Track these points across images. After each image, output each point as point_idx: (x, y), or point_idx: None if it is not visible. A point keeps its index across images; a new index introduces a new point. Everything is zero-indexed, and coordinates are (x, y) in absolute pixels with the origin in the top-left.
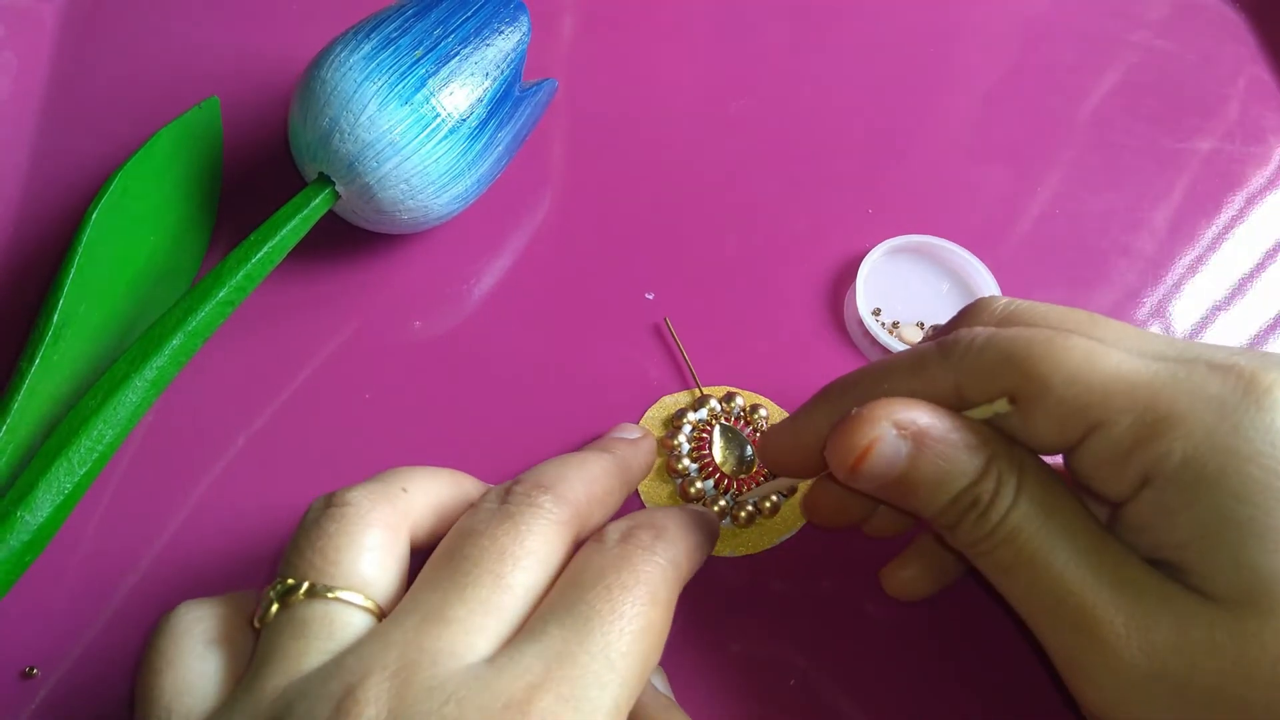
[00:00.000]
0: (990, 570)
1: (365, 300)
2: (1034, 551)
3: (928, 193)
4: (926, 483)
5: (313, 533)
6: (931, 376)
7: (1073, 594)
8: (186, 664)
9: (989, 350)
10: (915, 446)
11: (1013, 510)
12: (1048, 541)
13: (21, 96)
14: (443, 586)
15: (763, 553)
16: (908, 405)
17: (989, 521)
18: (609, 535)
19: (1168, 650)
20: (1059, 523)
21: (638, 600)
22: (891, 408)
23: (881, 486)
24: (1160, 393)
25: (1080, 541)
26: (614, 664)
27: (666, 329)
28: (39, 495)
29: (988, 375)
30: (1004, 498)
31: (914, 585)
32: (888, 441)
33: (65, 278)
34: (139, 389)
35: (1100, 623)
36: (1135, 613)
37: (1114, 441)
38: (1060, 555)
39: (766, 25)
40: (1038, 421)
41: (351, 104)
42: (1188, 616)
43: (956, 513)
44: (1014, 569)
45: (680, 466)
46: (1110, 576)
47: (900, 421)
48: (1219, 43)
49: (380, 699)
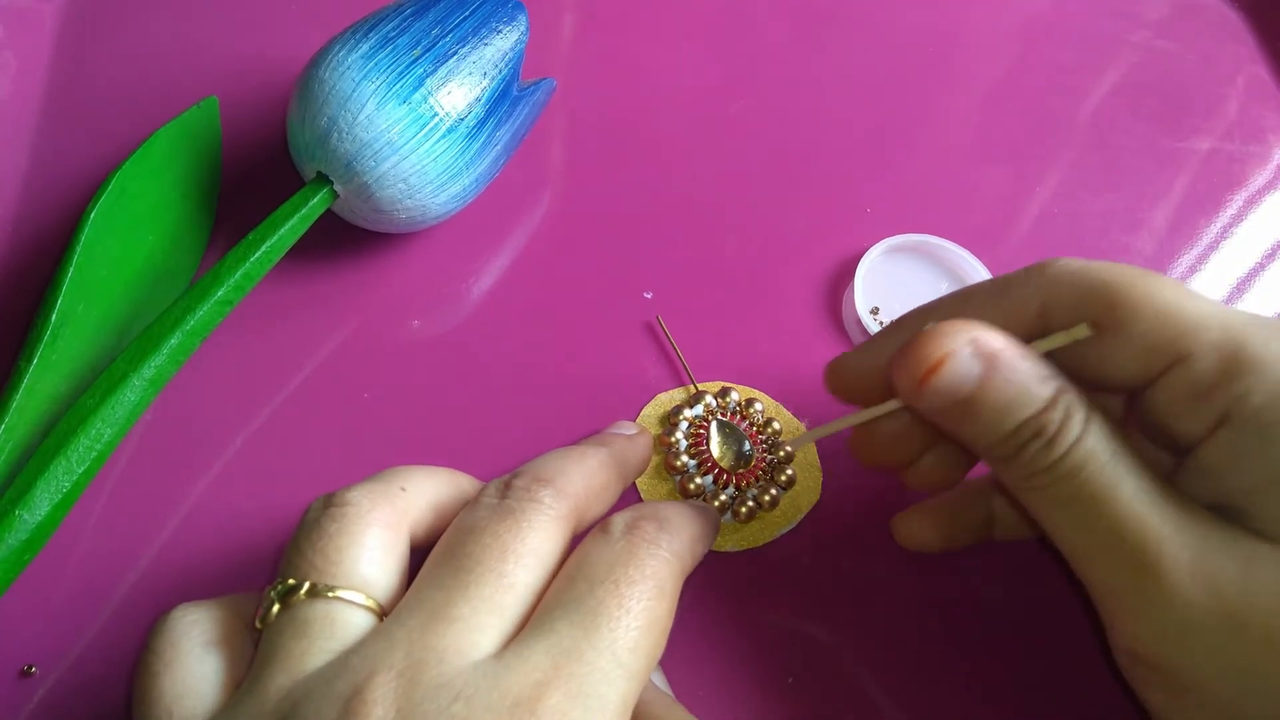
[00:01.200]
0: (1042, 505)
1: (364, 299)
2: (1100, 484)
3: (927, 192)
4: (993, 406)
5: (313, 533)
6: (1015, 299)
7: (1134, 529)
8: (185, 666)
9: (1083, 273)
10: (988, 367)
11: (1080, 442)
12: (1115, 474)
13: (21, 96)
14: (446, 584)
15: (762, 547)
16: (984, 326)
17: (1054, 451)
18: (614, 527)
19: (1231, 590)
20: (1124, 462)
21: (644, 595)
22: (968, 326)
23: (946, 408)
24: (1250, 335)
25: (1145, 478)
26: (621, 660)
27: (659, 327)
28: (37, 494)
29: (1078, 298)
30: (1072, 429)
31: (921, 536)
32: (961, 358)
33: (64, 277)
34: (137, 388)
35: (1161, 558)
36: (1200, 551)
37: (1197, 376)
38: (1126, 489)
39: (766, 24)
40: (1120, 350)
41: (350, 103)
42: (1255, 558)
43: (1018, 442)
44: (1074, 503)
45: (678, 463)
46: (1175, 514)
47: (976, 339)
48: (1218, 42)
49: (388, 698)
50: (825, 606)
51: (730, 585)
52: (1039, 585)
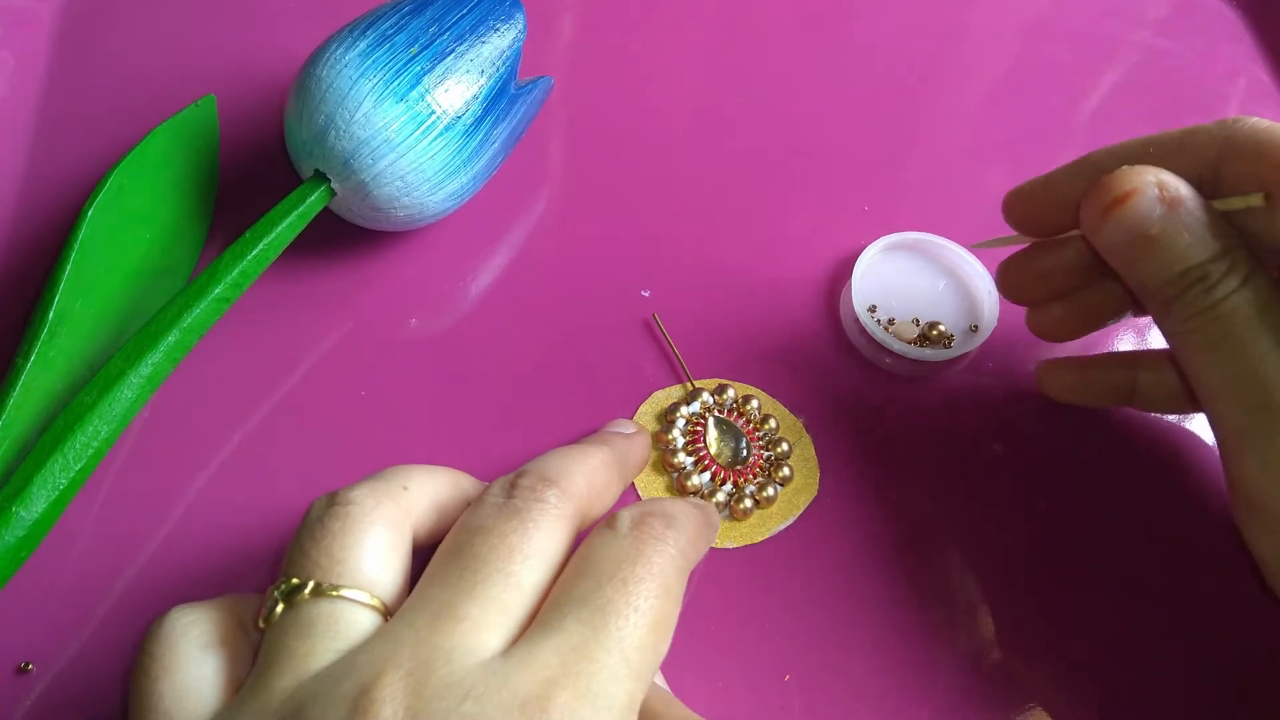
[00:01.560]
0: (1193, 347)
1: (361, 298)
2: (1242, 333)
3: (926, 191)
4: (1168, 247)
5: (317, 531)
6: (1198, 146)
7: (1266, 375)
8: (183, 668)
9: (1266, 133)
10: (1169, 210)
11: (1236, 294)
12: (1257, 326)
13: (18, 95)
14: (452, 584)
15: (759, 544)
16: (1170, 174)
17: (1212, 297)
18: (620, 523)
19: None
20: (1271, 318)
21: (651, 594)
22: (1158, 171)
23: (1125, 242)
24: None
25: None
26: (629, 658)
27: (656, 325)
28: (34, 491)
29: (1257, 157)
30: (1231, 280)
31: (1063, 382)
32: (1146, 196)
33: (61, 274)
34: (134, 385)
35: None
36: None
37: None
38: (1264, 341)
39: (764, 23)
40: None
41: (347, 101)
42: None
43: (1183, 284)
44: (1218, 346)
45: (676, 460)
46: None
47: (1164, 183)
48: (1218, 42)
49: (397, 697)
50: (823, 603)
51: (728, 582)
52: (1039, 583)
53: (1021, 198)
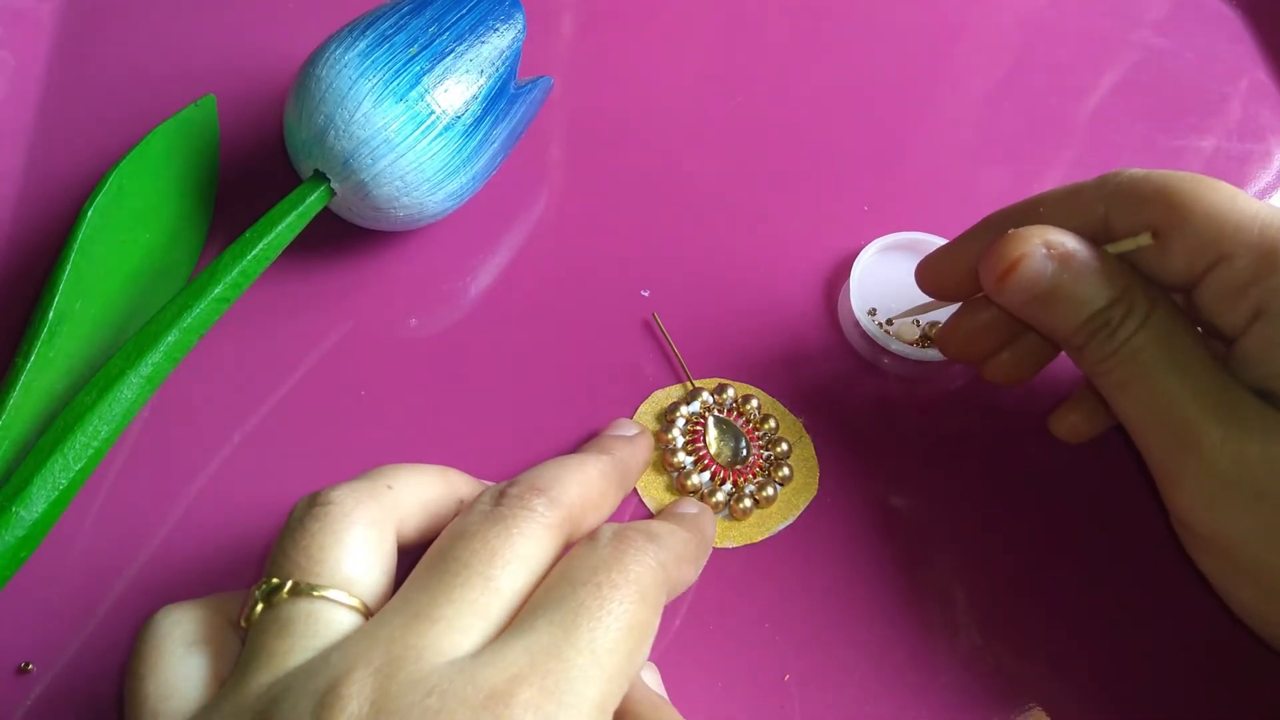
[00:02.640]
0: (1109, 388)
1: (361, 297)
2: (1150, 370)
3: (925, 191)
4: (1066, 300)
5: (296, 532)
6: (1084, 205)
7: (1177, 409)
8: (168, 667)
9: (1144, 181)
10: (1060, 266)
11: (1137, 334)
12: (1163, 363)
13: (18, 95)
14: (431, 587)
15: (759, 543)
16: (1059, 231)
17: (1115, 340)
18: (601, 535)
19: (1255, 460)
20: (1176, 350)
21: (626, 598)
22: (1044, 230)
23: (1025, 301)
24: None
25: (1192, 367)
26: (600, 659)
27: (656, 325)
28: (34, 490)
29: (1138, 204)
30: (1131, 322)
31: (1081, 427)
32: (1036, 258)
33: (61, 274)
34: (134, 385)
35: (1198, 434)
36: (1231, 428)
37: (1234, 275)
38: (1172, 376)
39: (763, 23)
40: (1173, 251)
41: (346, 101)
42: (1276, 434)
43: (1088, 333)
44: (1130, 385)
45: (675, 460)
46: (1214, 398)
47: (1050, 242)
48: (1218, 41)
49: (363, 693)
50: (822, 603)
51: (727, 581)
52: (1039, 583)
53: (931, 268)
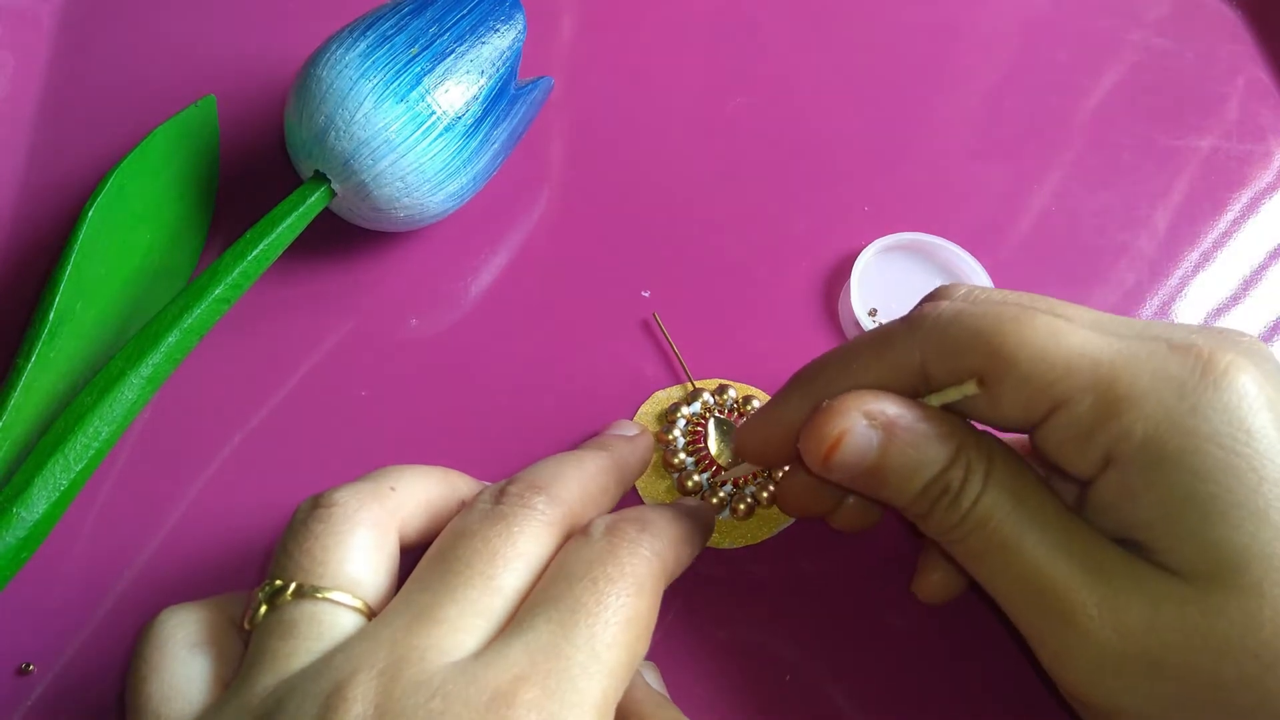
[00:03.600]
0: (963, 557)
1: (361, 298)
2: (1005, 537)
3: (926, 191)
4: (897, 472)
5: (300, 533)
6: (897, 354)
7: (1044, 578)
8: (171, 669)
9: (955, 325)
10: (885, 436)
11: (982, 497)
12: (1018, 527)
13: (19, 95)
14: (433, 587)
15: (760, 544)
16: (877, 396)
17: (959, 509)
18: (594, 530)
19: (1140, 630)
20: (1029, 508)
21: (623, 592)
22: (861, 399)
23: (854, 477)
24: (1121, 371)
25: (1050, 525)
26: (599, 655)
27: (656, 325)
28: (35, 491)
29: (954, 351)
30: (973, 485)
31: (946, 587)
32: (858, 432)
33: (62, 275)
34: (135, 386)
35: (1073, 605)
36: (1106, 594)
37: (1076, 420)
38: (1030, 539)
39: (763, 23)
40: (1003, 399)
41: (347, 101)
42: (1158, 596)
43: (927, 501)
44: (985, 555)
45: (676, 461)
46: (1081, 559)
47: (870, 412)
48: (1217, 41)
49: (368, 695)
50: (823, 603)
51: (728, 581)
52: None
53: (750, 436)
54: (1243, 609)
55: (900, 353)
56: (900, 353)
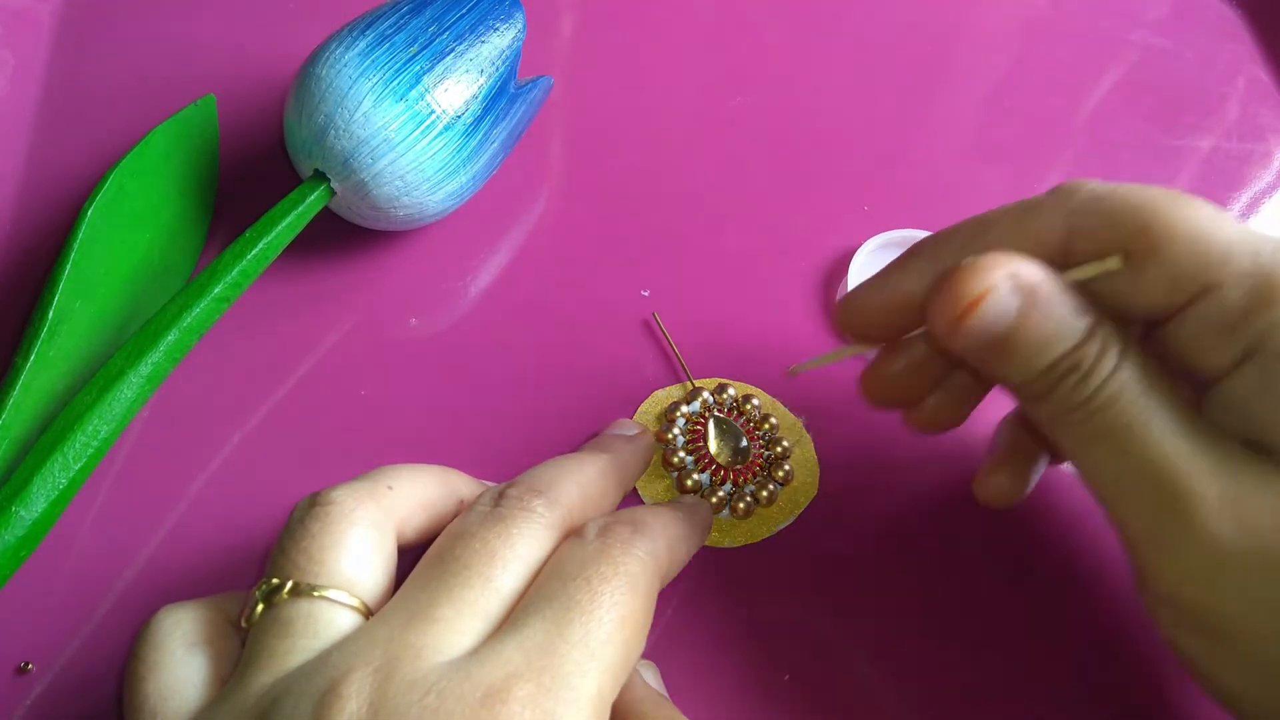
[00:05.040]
0: (1078, 441)
1: (361, 297)
2: (1132, 419)
3: (925, 190)
4: (1031, 342)
5: (296, 532)
6: (1042, 223)
7: (1168, 464)
8: (168, 668)
9: (1111, 198)
10: (1026, 302)
11: (1115, 375)
12: (1147, 410)
13: (18, 94)
14: (431, 586)
15: (760, 543)
16: (1024, 259)
17: (1089, 385)
18: (588, 532)
19: (1263, 526)
20: (1159, 394)
21: (617, 590)
22: (1009, 260)
23: (982, 345)
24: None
25: (1179, 414)
26: (595, 652)
27: (656, 324)
28: (34, 490)
29: (1107, 223)
30: (1107, 362)
31: (1007, 489)
32: (1001, 294)
33: (61, 274)
34: (134, 385)
35: (1193, 494)
36: (1230, 486)
37: (1226, 307)
38: (1159, 424)
39: (764, 23)
40: (1148, 279)
41: (346, 100)
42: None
43: (1055, 377)
44: (1108, 437)
45: (675, 460)
46: (1208, 451)
47: (1017, 273)
48: (1217, 41)
49: (362, 693)
50: (823, 602)
51: (728, 581)
52: (1038, 582)
53: (855, 306)
54: None
55: (1045, 223)
56: (1045, 223)
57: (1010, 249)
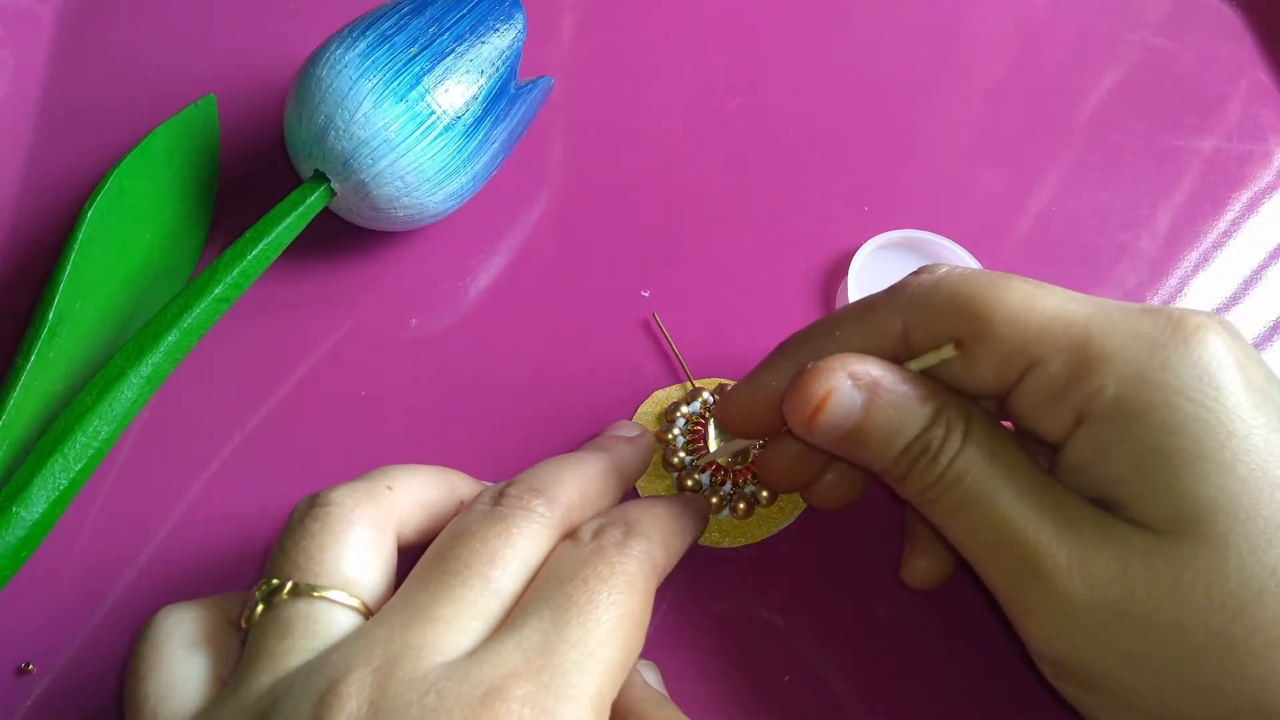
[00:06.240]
0: (939, 517)
1: (361, 297)
2: (979, 492)
3: (926, 190)
4: (880, 432)
5: (296, 532)
6: (879, 321)
7: (1016, 531)
8: (169, 668)
9: (936, 292)
10: (869, 397)
11: (960, 454)
12: (992, 482)
13: (18, 95)
14: (431, 586)
15: (759, 543)
16: (860, 359)
17: (938, 466)
18: (583, 533)
19: (1108, 580)
20: (1003, 466)
21: (614, 589)
22: (845, 361)
23: (837, 439)
24: (1094, 332)
25: (1023, 483)
26: (593, 651)
27: (656, 325)
28: (34, 491)
29: (935, 316)
30: (952, 443)
31: (932, 572)
32: (843, 392)
33: (61, 274)
34: (134, 385)
35: (1043, 557)
36: (1076, 546)
37: (1050, 379)
38: (1004, 495)
39: (764, 22)
40: (980, 362)
41: (347, 101)
42: (1127, 547)
43: (907, 462)
44: (960, 511)
45: (675, 460)
46: (1052, 514)
47: (854, 373)
48: (1218, 41)
49: (362, 692)
50: (823, 603)
51: (727, 581)
52: None
53: (732, 406)
54: (1209, 560)
55: (883, 319)
56: (883, 319)
57: (855, 347)
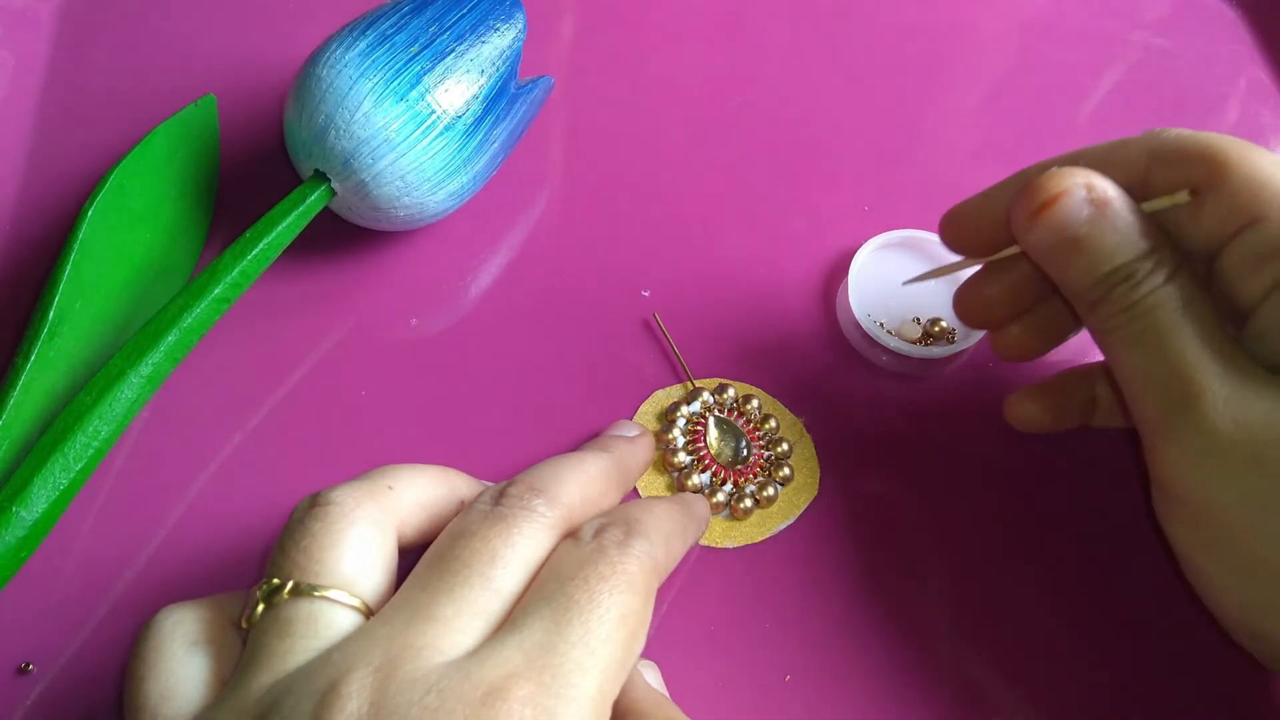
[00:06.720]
0: (1118, 344)
1: (361, 297)
2: (1165, 327)
3: (926, 191)
4: (1095, 248)
5: (297, 532)
6: (1126, 153)
7: (1186, 365)
8: (169, 668)
9: (1189, 140)
10: (1096, 211)
11: (1160, 289)
12: (1179, 321)
13: (18, 95)
14: (431, 586)
15: (760, 544)
16: (1100, 176)
17: (1136, 293)
18: (583, 533)
19: (1257, 423)
20: (1193, 311)
21: (615, 589)
22: (1087, 172)
23: (1050, 245)
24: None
25: (1207, 330)
26: (594, 651)
27: (656, 325)
28: (34, 491)
29: (1181, 161)
30: (1156, 277)
31: (1033, 415)
32: (1075, 198)
33: (61, 274)
34: (135, 385)
35: (1202, 389)
36: (1237, 388)
37: (1262, 238)
38: (1187, 334)
39: (764, 23)
40: (1206, 213)
41: (347, 101)
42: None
43: (1109, 285)
44: (1140, 339)
45: (676, 460)
46: (1224, 361)
47: (1092, 184)
48: (1217, 42)
49: (363, 692)
50: (823, 603)
51: (728, 582)
52: (1042, 581)
53: (959, 218)
54: None
55: (1130, 153)
56: (1130, 153)
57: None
